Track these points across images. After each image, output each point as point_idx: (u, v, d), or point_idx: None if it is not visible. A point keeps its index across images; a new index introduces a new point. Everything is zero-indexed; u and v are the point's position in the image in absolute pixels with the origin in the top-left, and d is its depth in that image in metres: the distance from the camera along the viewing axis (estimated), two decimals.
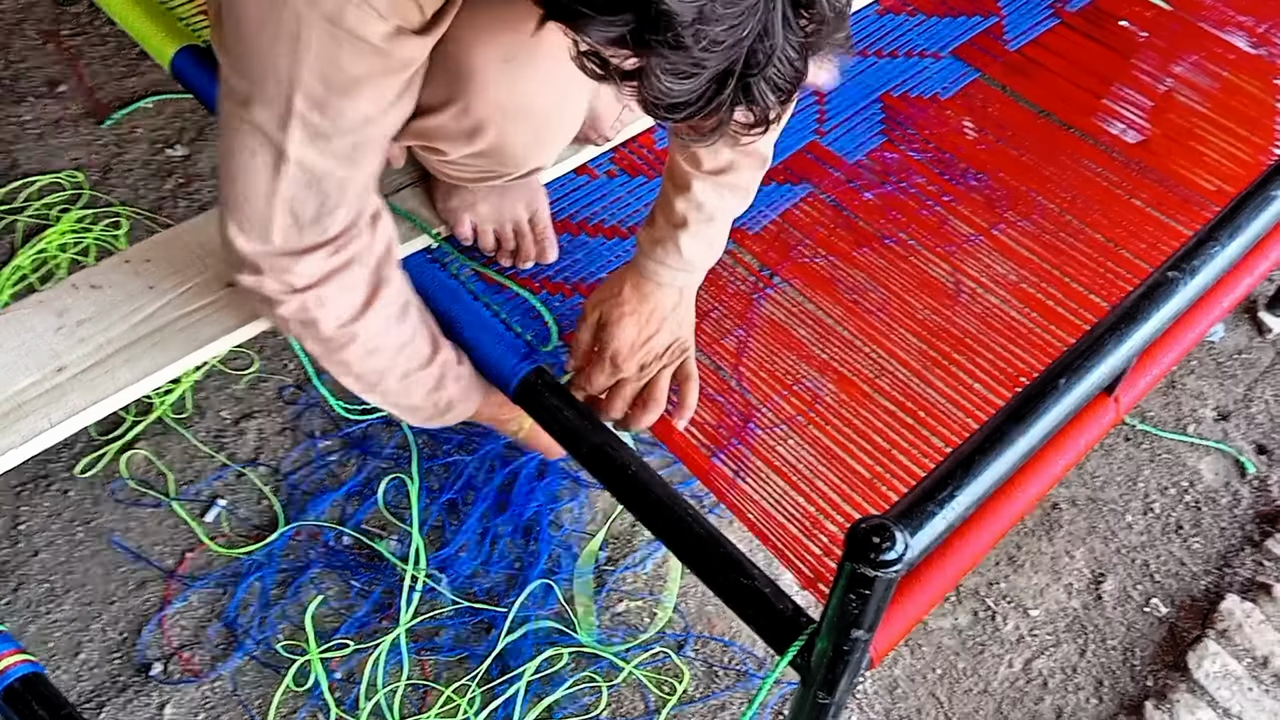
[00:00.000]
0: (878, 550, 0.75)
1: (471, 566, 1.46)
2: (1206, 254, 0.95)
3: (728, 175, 1.00)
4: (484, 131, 0.95)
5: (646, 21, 0.59)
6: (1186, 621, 1.49)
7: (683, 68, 0.61)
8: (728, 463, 1.06)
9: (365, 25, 0.79)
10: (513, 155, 1.00)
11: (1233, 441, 1.68)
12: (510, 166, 1.03)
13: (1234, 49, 1.52)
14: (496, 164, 1.02)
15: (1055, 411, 0.86)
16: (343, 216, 0.91)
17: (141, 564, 1.46)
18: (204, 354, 1.05)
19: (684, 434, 1.08)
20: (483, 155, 0.99)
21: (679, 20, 0.58)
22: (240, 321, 1.06)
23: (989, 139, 1.38)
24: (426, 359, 1.06)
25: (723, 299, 1.19)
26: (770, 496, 1.03)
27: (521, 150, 1.00)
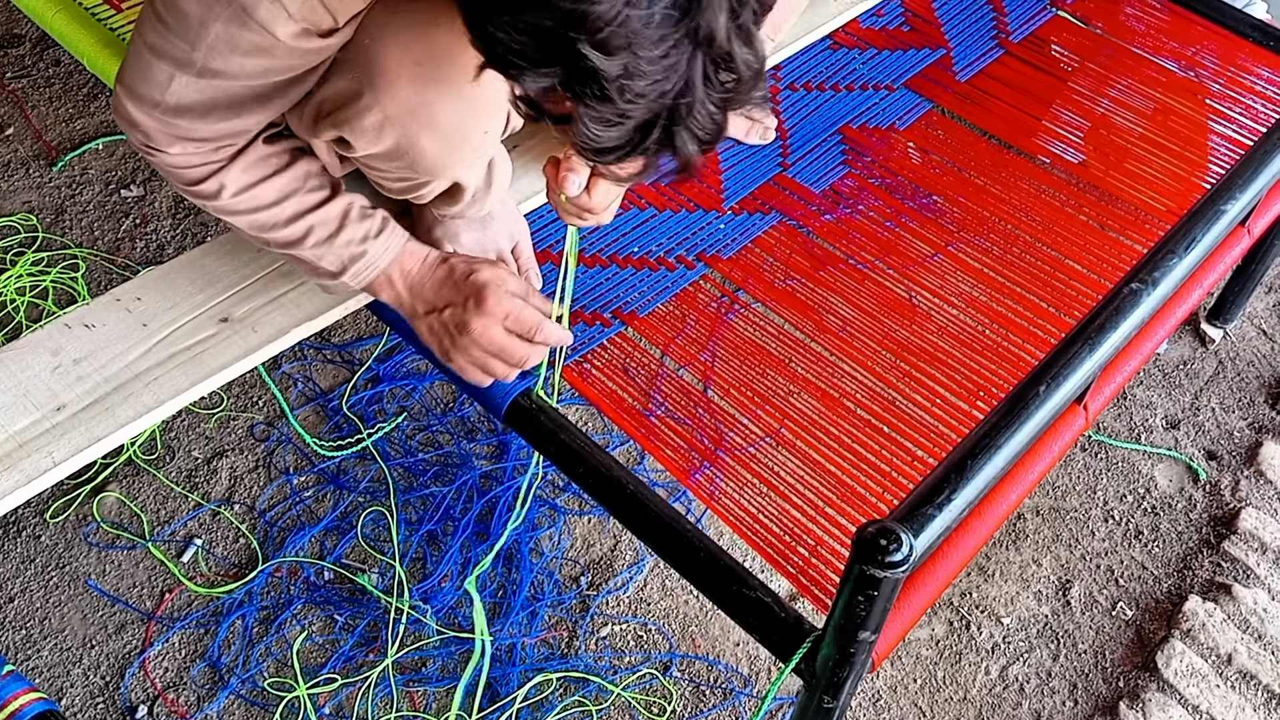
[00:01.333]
0: (885, 552, 0.78)
1: (455, 596, 1.47)
2: (1166, 265, 1.01)
3: None
4: (390, 130, 0.95)
5: (575, 75, 0.63)
6: (1152, 623, 1.54)
7: (609, 117, 0.65)
8: (715, 476, 1.09)
9: (274, 23, 0.83)
10: (424, 162, 1.00)
11: (1184, 449, 1.75)
12: (425, 174, 1.02)
13: (1166, 71, 1.61)
14: (410, 170, 1.02)
15: (1039, 416, 0.91)
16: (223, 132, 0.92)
17: (120, 606, 1.44)
18: (202, 389, 1.05)
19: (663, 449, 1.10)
20: (393, 158, 0.99)
21: (605, 76, 0.62)
22: (236, 357, 1.07)
23: (944, 164, 1.43)
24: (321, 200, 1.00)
25: (702, 320, 1.22)
26: (759, 506, 1.06)
27: (432, 159, 1.00)
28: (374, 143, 0.97)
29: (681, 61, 0.64)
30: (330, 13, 0.85)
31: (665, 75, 0.64)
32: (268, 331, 1.08)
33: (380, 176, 1.07)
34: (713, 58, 0.65)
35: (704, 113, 0.67)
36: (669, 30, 0.62)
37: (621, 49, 0.62)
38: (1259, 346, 1.92)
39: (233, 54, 0.86)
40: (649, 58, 0.63)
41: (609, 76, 0.62)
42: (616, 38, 0.61)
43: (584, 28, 0.61)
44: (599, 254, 1.27)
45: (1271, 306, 1.98)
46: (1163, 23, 1.68)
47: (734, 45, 0.65)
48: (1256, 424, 1.79)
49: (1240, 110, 1.55)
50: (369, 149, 0.98)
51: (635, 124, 0.66)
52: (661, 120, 0.66)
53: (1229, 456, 1.75)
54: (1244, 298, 1.87)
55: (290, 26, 0.84)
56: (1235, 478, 1.71)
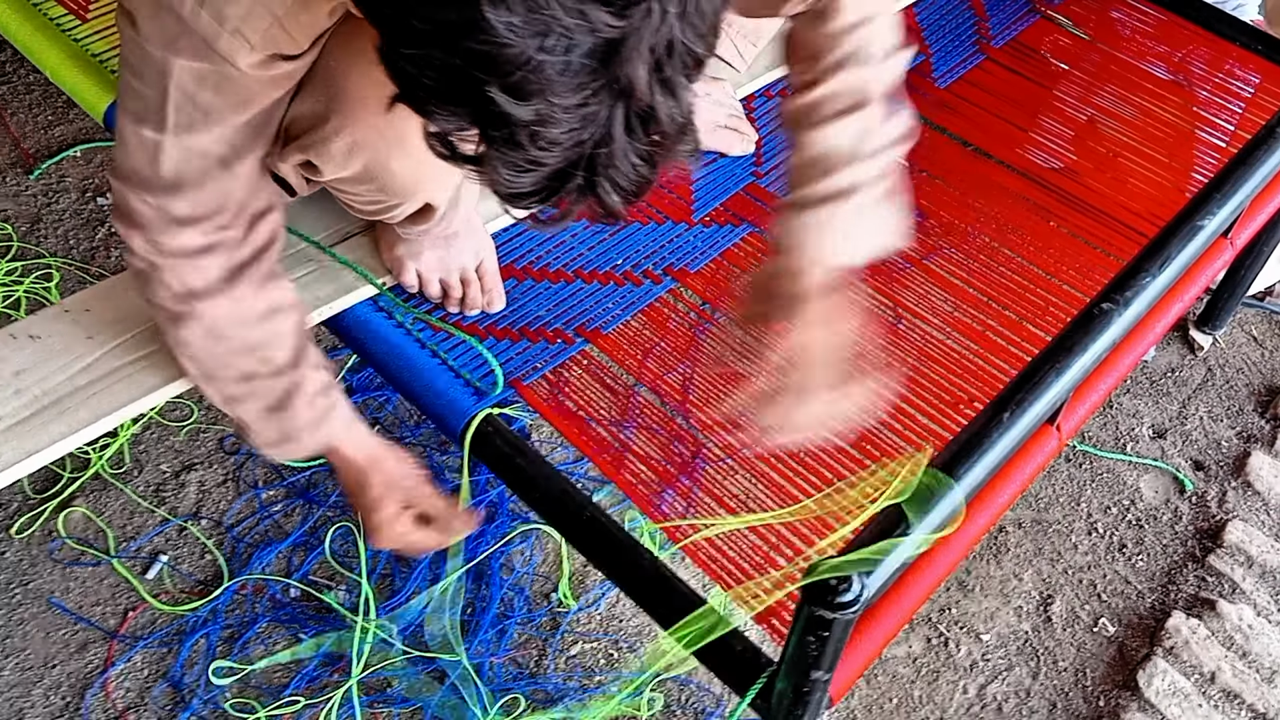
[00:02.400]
0: (834, 592, 0.76)
1: (422, 615, 1.44)
2: (1139, 285, 0.98)
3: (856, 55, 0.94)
4: (359, 153, 0.93)
5: (485, 118, 0.60)
6: (1135, 640, 1.51)
7: (520, 163, 0.62)
8: (677, 500, 1.06)
9: (235, 54, 0.81)
10: (394, 185, 0.98)
11: (1170, 459, 1.72)
12: (395, 196, 1.01)
13: (1152, 77, 1.57)
14: (381, 193, 1.00)
15: (1000, 447, 0.88)
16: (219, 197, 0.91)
17: (83, 625, 1.42)
18: (142, 405, 1.02)
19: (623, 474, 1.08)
20: (363, 181, 0.97)
21: (515, 121, 0.59)
22: (175, 374, 1.04)
23: (920, 174, 1.40)
24: (277, 369, 1.00)
25: (668, 337, 1.20)
26: (721, 535, 1.03)
27: (403, 181, 0.98)
28: (343, 166, 0.95)
29: (600, 111, 0.61)
30: (292, 37, 0.82)
31: (582, 124, 0.61)
32: None
33: (350, 199, 1.05)
34: (633, 110, 0.62)
35: (626, 164, 0.64)
36: (587, 79, 0.59)
37: (534, 95, 0.59)
38: (1249, 353, 1.89)
39: (201, 91, 0.83)
40: (564, 105, 0.59)
41: (520, 122, 0.59)
42: (529, 83, 0.58)
43: (494, 71, 0.58)
44: (562, 268, 1.24)
45: (1262, 312, 1.95)
46: (1150, 27, 1.65)
47: (656, 98, 0.62)
48: (1245, 433, 1.76)
49: (1227, 117, 1.52)
50: (338, 173, 0.96)
51: (549, 172, 0.63)
52: (580, 169, 0.63)
53: (1216, 467, 1.71)
54: (1233, 304, 1.84)
55: (252, 57, 0.81)
56: (1222, 489, 1.68)
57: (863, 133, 0.93)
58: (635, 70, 0.59)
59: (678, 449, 1.10)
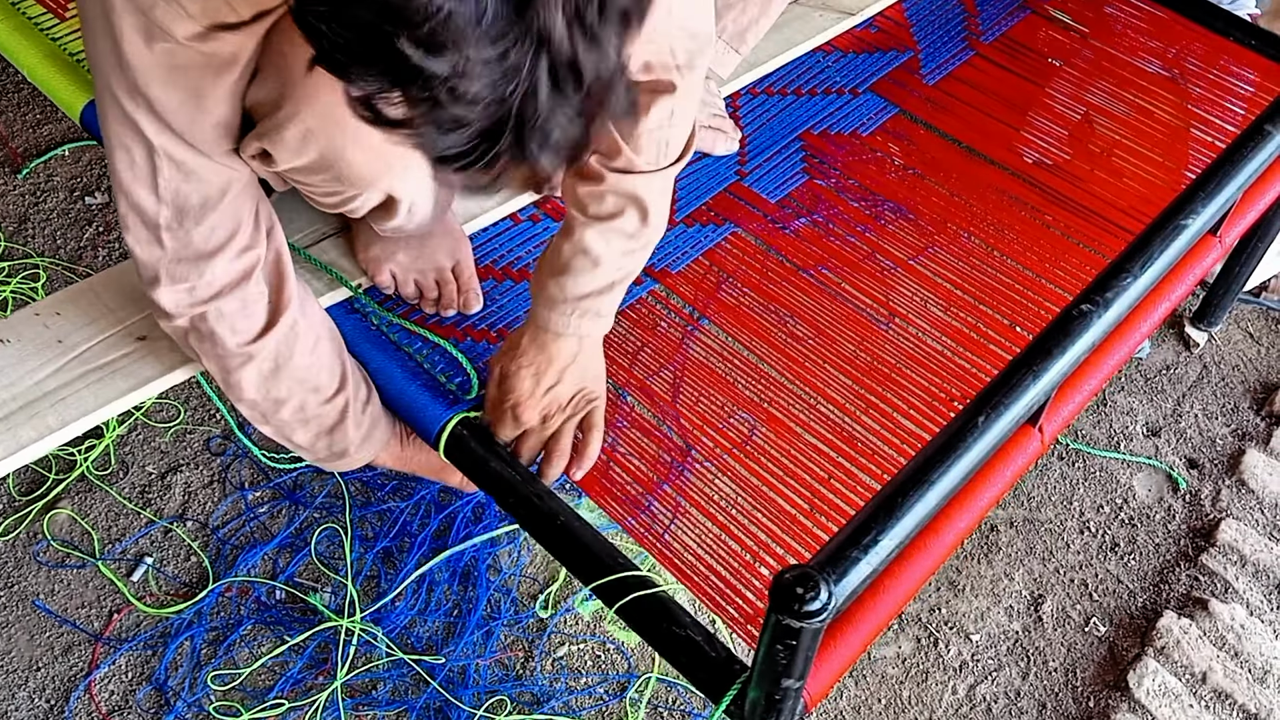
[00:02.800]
0: (801, 601, 0.75)
1: (408, 616, 1.44)
2: (1120, 285, 0.97)
3: (612, 222, 1.00)
4: (313, 141, 0.92)
5: (401, 75, 0.58)
6: (1126, 640, 1.50)
7: (444, 122, 0.60)
8: (663, 508, 1.05)
9: (173, 24, 0.80)
10: (351, 174, 0.96)
11: (1164, 457, 1.71)
12: (353, 186, 0.99)
13: (1146, 74, 1.55)
14: (338, 182, 0.98)
15: (975, 451, 0.87)
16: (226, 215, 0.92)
17: (67, 627, 1.42)
18: (112, 410, 1.02)
19: (602, 482, 1.07)
20: (318, 170, 0.96)
21: (432, 77, 0.57)
22: (152, 375, 1.04)
23: (909, 173, 1.39)
24: (328, 396, 1.06)
25: (652, 340, 1.19)
26: (700, 540, 1.03)
27: (359, 170, 0.96)
28: (297, 154, 0.93)
29: (521, 63, 0.58)
30: (231, 6, 0.81)
31: (503, 78, 0.58)
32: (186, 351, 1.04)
33: (310, 190, 1.03)
34: (557, 62, 0.59)
35: (556, 122, 0.61)
36: (503, 28, 0.57)
37: (447, 47, 0.56)
38: (1244, 350, 1.87)
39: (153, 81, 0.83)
40: (481, 58, 0.57)
41: (435, 77, 0.57)
42: (440, 34, 0.56)
43: (402, 21, 0.56)
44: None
45: (1259, 308, 1.93)
46: (1144, 22, 1.63)
47: (578, 48, 0.59)
48: (1240, 431, 1.75)
49: (1220, 115, 1.50)
50: (292, 161, 0.94)
51: (476, 131, 0.61)
52: (508, 129, 0.61)
53: (1211, 465, 1.70)
54: (1229, 301, 1.82)
55: (190, 26, 0.80)
56: (1216, 487, 1.67)
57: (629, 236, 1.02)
58: (551, 17, 0.57)
59: (661, 455, 1.09)
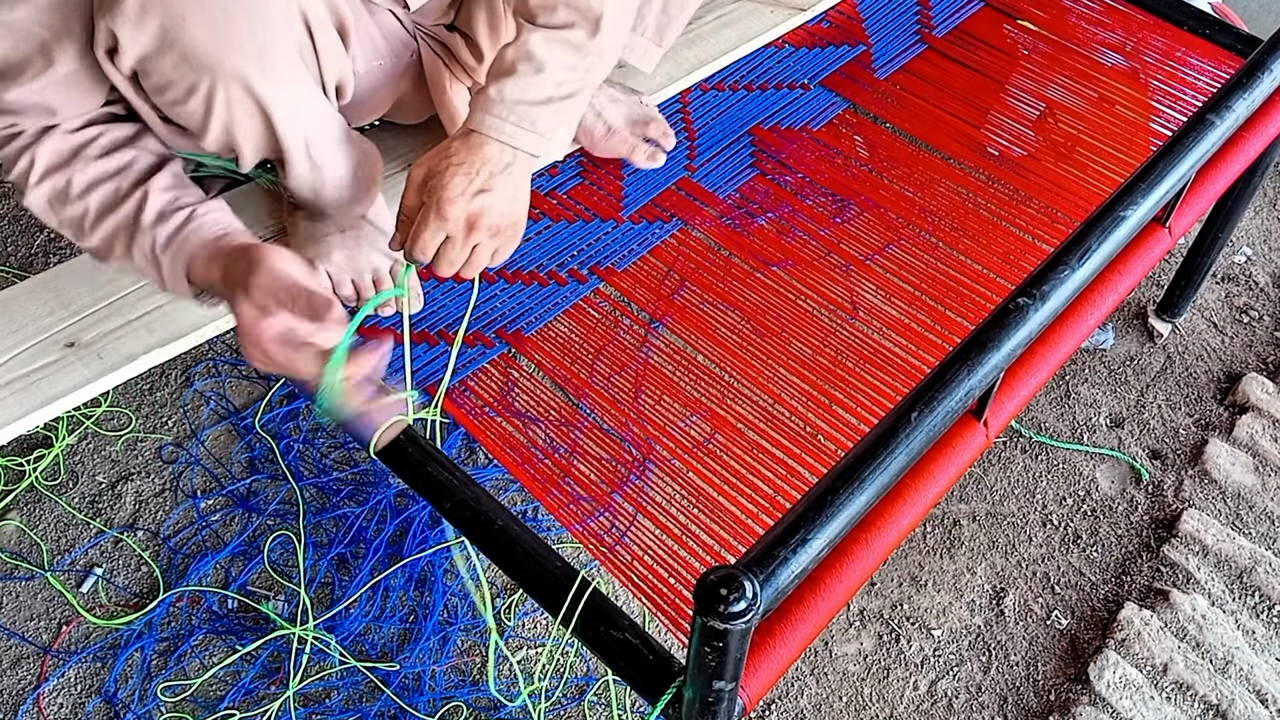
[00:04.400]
0: (725, 602, 0.73)
1: (362, 623, 1.42)
2: (1056, 278, 0.96)
3: (562, 31, 0.97)
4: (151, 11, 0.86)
5: None
6: (1087, 632, 1.49)
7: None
8: (611, 516, 1.03)
9: None
10: (196, 50, 0.89)
11: (1127, 448, 1.70)
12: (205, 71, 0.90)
13: (1103, 67, 1.54)
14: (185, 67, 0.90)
15: (909, 446, 0.86)
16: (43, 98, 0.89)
17: (15, 640, 1.40)
18: (33, 419, 1.00)
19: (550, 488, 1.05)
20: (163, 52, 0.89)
21: None
22: (75, 385, 1.02)
23: (860, 168, 1.37)
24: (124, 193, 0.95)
25: (594, 339, 1.17)
26: (647, 545, 1.01)
27: (204, 46, 0.88)
28: (137, 30, 0.87)
29: None
30: None
31: None
32: (114, 358, 1.03)
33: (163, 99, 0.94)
34: None
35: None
36: None
37: None
38: (1209, 340, 1.86)
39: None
40: None
41: None
42: None
43: None
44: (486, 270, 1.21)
45: (1223, 298, 1.93)
46: (1100, 13, 1.62)
47: None
48: (1203, 421, 1.74)
49: (1179, 107, 1.49)
50: (133, 42, 0.88)
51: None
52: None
53: (1174, 456, 1.69)
54: (1192, 290, 1.81)
55: None
56: (1179, 478, 1.66)
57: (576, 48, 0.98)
58: None
59: (605, 457, 1.08)
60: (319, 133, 1.00)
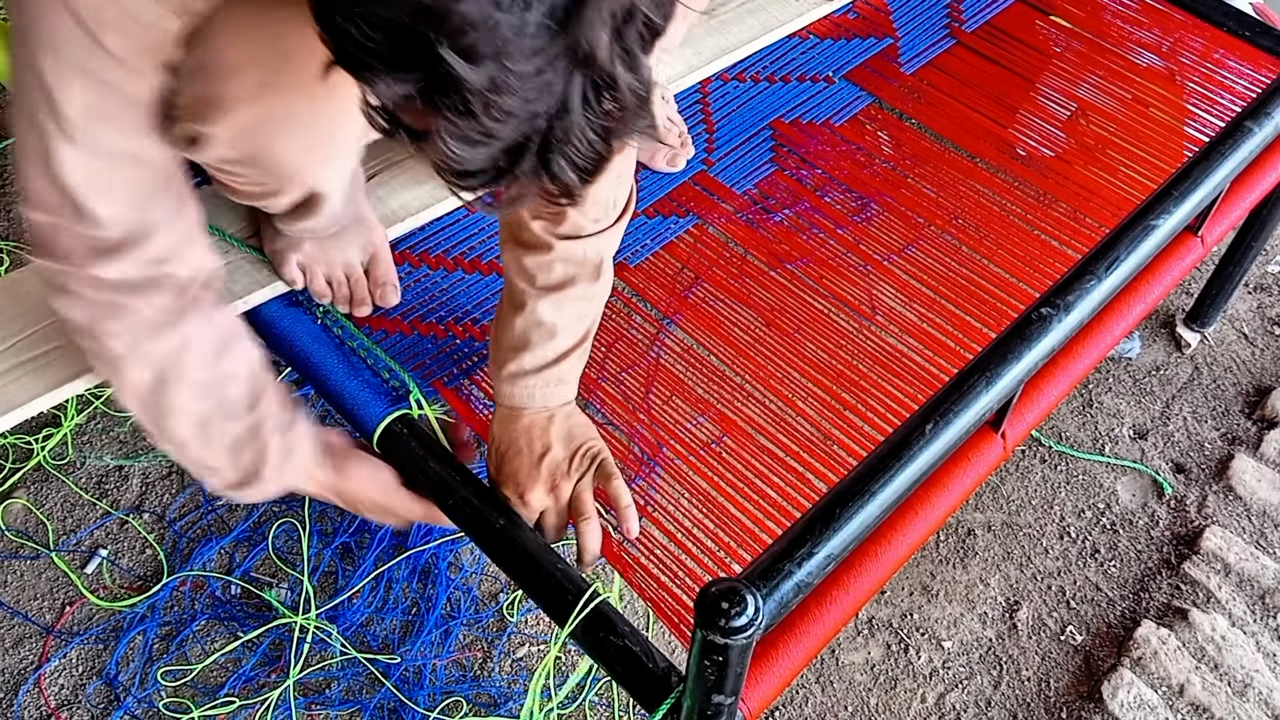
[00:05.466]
0: (726, 616, 0.71)
1: (365, 614, 1.41)
2: (1083, 288, 0.92)
3: (565, 290, 0.96)
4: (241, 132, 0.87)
5: (435, 83, 0.56)
6: (1102, 650, 1.46)
7: (472, 135, 0.58)
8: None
9: None
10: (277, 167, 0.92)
11: (1150, 461, 1.66)
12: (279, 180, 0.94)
13: (1138, 67, 1.50)
14: (265, 175, 0.94)
15: (922, 459, 0.83)
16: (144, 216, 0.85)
17: (19, 620, 1.39)
18: (46, 401, 0.99)
19: None
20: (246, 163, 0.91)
21: (468, 86, 0.55)
22: (77, 371, 1.00)
23: (882, 165, 1.34)
24: (233, 411, 0.95)
25: (616, 345, 1.15)
26: (646, 545, 0.99)
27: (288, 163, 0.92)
28: (230, 146, 0.89)
29: (558, 80, 0.57)
30: None
31: (539, 93, 0.57)
32: None
33: (230, 180, 0.98)
34: (593, 79, 0.58)
35: (583, 140, 0.60)
36: (545, 43, 0.55)
37: (488, 57, 0.55)
38: (1239, 352, 1.82)
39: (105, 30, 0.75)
40: (520, 72, 0.55)
41: (473, 88, 0.55)
42: (483, 44, 0.54)
43: (445, 28, 0.53)
44: (495, 260, 1.19)
45: (1255, 309, 1.88)
46: (1137, 12, 1.57)
47: (617, 67, 0.58)
48: (1230, 435, 1.70)
49: (1216, 111, 1.44)
50: (223, 152, 0.89)
51: (503, 146, 0.59)
52: (534, 145, 0.59)
53: (1198, 470, 1.65)
54: (1223, 300, 1.77)
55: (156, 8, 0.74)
56: (1203, 493, 1.62)
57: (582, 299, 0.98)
58: (596, 36, 0.56)
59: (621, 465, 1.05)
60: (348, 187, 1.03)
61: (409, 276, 1.16)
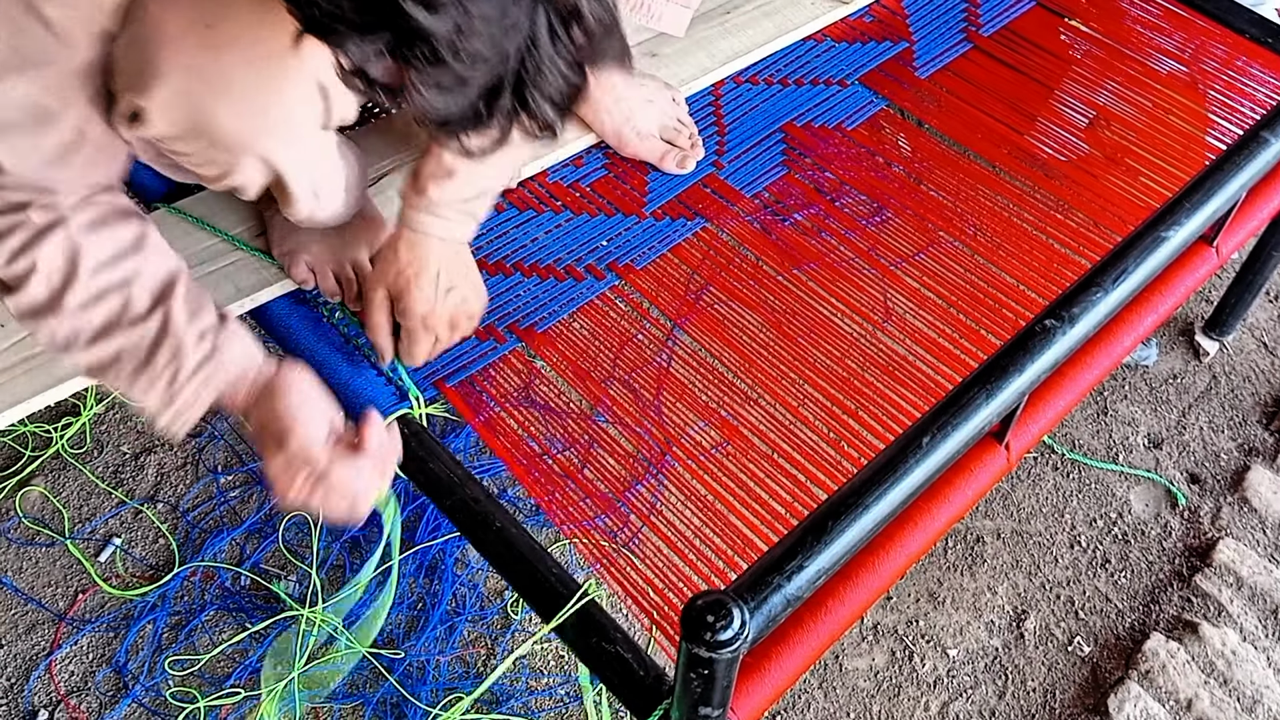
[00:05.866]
0: (711, 629, 0.71)
1: (371, 608, 1.42)
2: (1088, 301, 0.92)
3: None
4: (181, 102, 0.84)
5: (403, 38, 0.58)
6: (1109, 662, 1.45)
7: (446, 83, 0.59)
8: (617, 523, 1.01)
9: None
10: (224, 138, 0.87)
11: (1164, 470, 1.64)
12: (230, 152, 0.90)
13: (1159, 74, 1.48)
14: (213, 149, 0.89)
15: (919, 472, 0.82)
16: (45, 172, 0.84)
17: (32, 606, 1.41)
18: (53, 395, 1.00)
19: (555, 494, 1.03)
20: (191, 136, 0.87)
21: (435, 36, 0.57)
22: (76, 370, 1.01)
23: (895, 171, 1.33)
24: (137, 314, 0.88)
25: (598, 335, 1.15)
26: (643, 552, 0.99)
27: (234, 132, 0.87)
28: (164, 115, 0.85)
29: (522, 17, 0.58)
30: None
31: (505, 33, 0.58)
32: None
33: (190, 164, 0.94)
34: (557, 11, 0.60)
35: (555, 73, 0.61)
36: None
37: (449, 4, 0.56)
38: (1258, 361, 1.80)
39: None
40: (483, 14, 0.57)
41: (440, 36, 0.57)
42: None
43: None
44: (502, 260, 1.19)
45: (1275, 317, 1.86)
46: (1159, 17, 1.55)
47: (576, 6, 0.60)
48: (1246, 446, 1.68)
49: (1237, 120, 1.42)
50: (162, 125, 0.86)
51: (478, 89, 0.61)
52: (508, 85, 0.61)
53: (1213, 480, 1.64)
54: (1243, 308, 1.74)
55: None
56: (1217, 504, 1.60)
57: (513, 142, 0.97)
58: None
59: (612, 463, 1.05)
60: (325, 177, 1.01)
61: None
